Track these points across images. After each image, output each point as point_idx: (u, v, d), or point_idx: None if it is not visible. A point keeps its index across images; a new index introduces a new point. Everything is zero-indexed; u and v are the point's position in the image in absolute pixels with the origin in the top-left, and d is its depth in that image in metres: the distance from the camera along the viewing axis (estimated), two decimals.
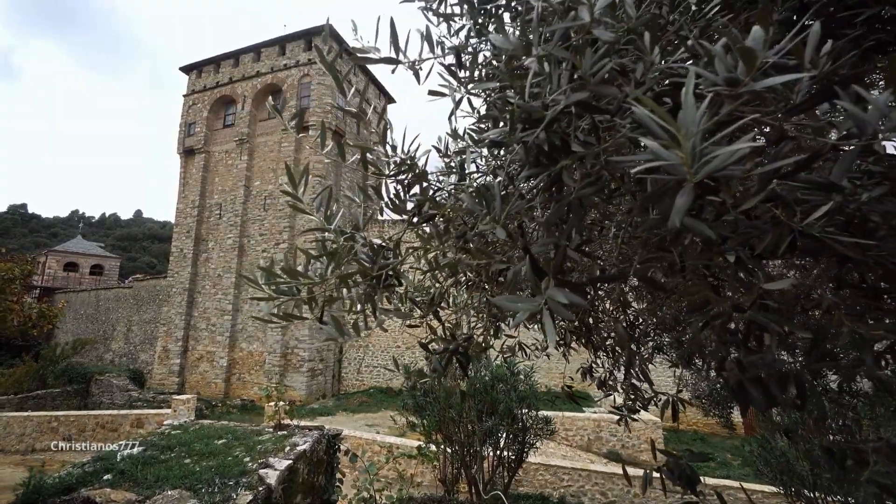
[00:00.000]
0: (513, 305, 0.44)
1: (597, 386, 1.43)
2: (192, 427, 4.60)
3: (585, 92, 0.45)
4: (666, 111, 0.34)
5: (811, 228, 0.55)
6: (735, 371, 0.53)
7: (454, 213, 0.69)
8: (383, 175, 0.83)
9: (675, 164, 0.33)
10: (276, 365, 19.01)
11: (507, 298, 0.46)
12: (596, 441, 12.73)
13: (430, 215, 0.77)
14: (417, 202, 0.80)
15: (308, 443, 4.16)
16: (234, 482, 3.35)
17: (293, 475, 3.77)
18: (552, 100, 0.47)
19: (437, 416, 5.65)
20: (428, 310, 0.81)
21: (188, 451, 3.90)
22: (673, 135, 0.33)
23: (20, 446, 11.82)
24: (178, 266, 22.39)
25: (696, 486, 0.63)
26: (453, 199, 0.69)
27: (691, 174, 0.33)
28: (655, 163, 0.34)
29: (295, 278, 0.70)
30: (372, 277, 0.74)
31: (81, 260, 36.24)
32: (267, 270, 0.72)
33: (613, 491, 8.99)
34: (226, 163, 22.76)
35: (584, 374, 1.48)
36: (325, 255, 0.75)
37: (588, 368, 1.46)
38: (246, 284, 20.68)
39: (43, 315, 14.09)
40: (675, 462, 0.65)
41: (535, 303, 0.42)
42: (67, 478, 3.36)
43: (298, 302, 0.73)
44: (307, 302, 0.73)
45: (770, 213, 0.57)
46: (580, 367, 1.50)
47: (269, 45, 22.67)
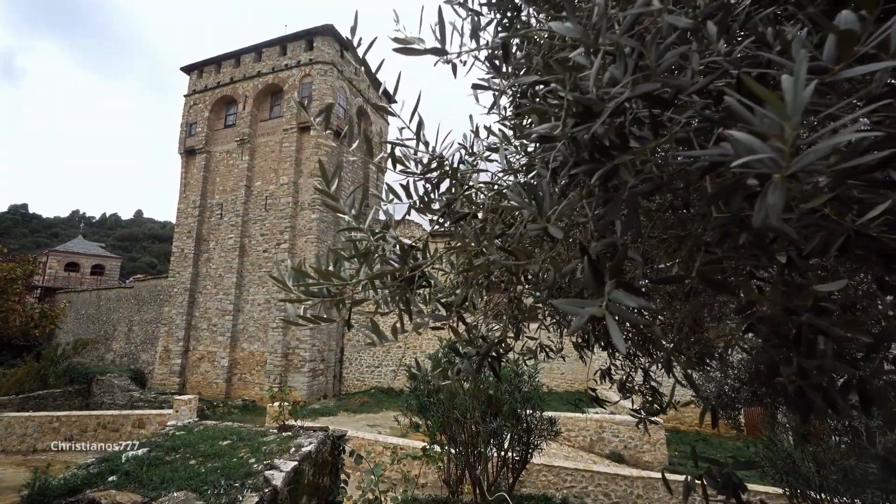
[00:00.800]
0: (576, 309, 0.42)
1: (617, 388, 1.41)
2: (197, 428, 4.58)
3: (655, 83, 0.43)
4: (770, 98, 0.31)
5: (866, 228, 0.52)
6: (792, 377, 0.50)
7: (491, 212, 0.67)
8: (413, 173, 0.81)
9: (769, 157, 0.31)
10: (278, 365, 18.99)
11: (568, 301, 0.43)
12: (598, 442, 12.70)
13: (462, 214, 0.75)
14: (447, 201, 0.78)
15: (313, 444, 4.14)
16: (240, 484, 3.33)
17: (299, 476, 3.75)
18: (615, 92, 0.45)
19: (442, 417, 5.63)
20: (455, 312, 0.79)
21: (193, 452, 3.88)
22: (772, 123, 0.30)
23: (22, 447, 11.81)
24: (179, 266, 22.38)
25: (742, 495, 0.61)
26: (489, 198, 0.67)
27: (785, 168, 0.31)
28: (752, 157, 0.32)
29: (328, 279, 0.68)
30: (403, 279, 0.71)
31: (82, 260, 36.24)
32: (298, 271, 0.70)
33: (617, 492, 8.97)
34: (227, 163, 22.75)
35: (603, 376, 1.46)
36: (357, 255, 0.73)
37: (607, 370, 1.44)
38: (251, 284, 20.67)
39: (45, 315, 14.07)
40: (718, 469, 0.63)
41: (600, 306, 0.40)
42: (72, 479, 3.34)
43: (326, 304, 0.70)
44: (336, 304, 0.71)
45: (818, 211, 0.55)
46: (598, 369, 1.48)
47: (270, 45, 22.66)
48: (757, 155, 0.31)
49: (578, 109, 0.49)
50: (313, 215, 20.21)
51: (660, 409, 1.57)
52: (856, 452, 4.77)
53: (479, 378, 6.28)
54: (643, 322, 0.41)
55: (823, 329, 0.52)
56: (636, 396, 1.53)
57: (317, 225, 20.20)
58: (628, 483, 8.96)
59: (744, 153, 0.32)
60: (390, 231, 0.76)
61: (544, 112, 0.55)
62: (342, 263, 0.71)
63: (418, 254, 0.75)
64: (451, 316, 0.76)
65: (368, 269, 0.72)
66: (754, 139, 0.32)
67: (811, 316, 0.52)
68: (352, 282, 0.69)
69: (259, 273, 20.70)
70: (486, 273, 0.73)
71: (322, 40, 21.65)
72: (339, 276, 0.68)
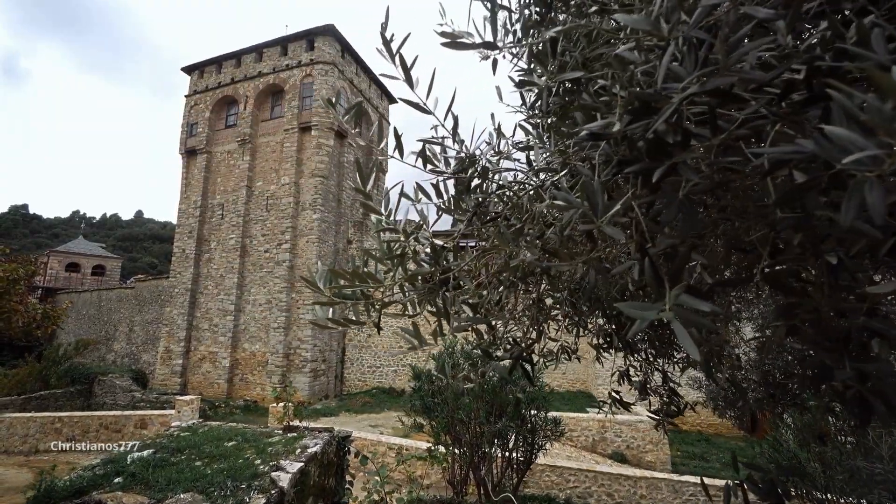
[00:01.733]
0: (641, 313, 0.40)
1: (637, 390, 1.39)
2: (201, 429, 4.57)
3: (729, 77, 0.41)
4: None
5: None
6: (848, 382, 0.49)
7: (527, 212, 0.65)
8: (441, 172, 0.79)
9: (871, 155, 0.30)
10: (279, 365, 18.98)
11: (633, 305, 0.42)
12: (601, 442, 12.68)
13: (494, 215, 0.74)
14: (477, 200, 0.76)
15: (318, 445, 4.12)
16: (247, 485, 3.32)
17: (304, 478, 3.74)
18: (684, 86, 0.43)
19: (447, 418, 5.61)
20: (490, 313, 0.78)
21: (198, 453, 3.86)
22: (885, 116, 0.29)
23: (24, 447, 11.80)
24: (180, 266, 22.37)
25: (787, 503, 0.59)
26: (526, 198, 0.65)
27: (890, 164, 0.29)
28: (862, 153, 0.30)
29: (364, 281, 0.66)
30: (437, 280, 0.70)
31: (83, 260, 36.25)
32: (333, 272, 0.68)
33: (620, 492, 8.95)
34: (228, 163, 22.74)
35: (621, 378, 1.45)
36: (393, 256, 0.71)
37: (625, 372, 1.42)
38: (252, 285, 20.65)
39: (47, 316, 14.05)
40: (761, 476, 0.62)
41: (665, 310, 0.39)
42: (78, 481, 3.32)
43: (355, 306, 0.69)
44: (367, 307, 0.69)
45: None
46: (616, 370, 1.46)
47: (271, 45, 22.65)
48: (865, 152, 0.29)
49: (635, 105, 0.47)
50: (314, 215, 20.19)
51: (677, 410, 1.55)
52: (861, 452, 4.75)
53: (483, 378, 6.27)
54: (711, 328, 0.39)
55: (881, 331, 0.51)
56: (653, 398, 1.52)
57: (318, 225, 20.19)
58: (632, 483, 8.95)
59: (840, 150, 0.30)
60: (423, 231, 0.74)
61: (593, 108, 0.53)
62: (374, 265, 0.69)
63: (449, 255, 0.74)
64: (491, 319, 0.75)
65: (402, 271, 0.70)
66: (855, 136, 0.30)
67: (867, 318, 0.51)
68: (388, 283, 0.68)
69: (260, 273, 20.69)
70: (522, 274, 0.72)
71: (323, 40, 21.64)
72: (375, 278, 0.66)
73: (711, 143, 0.46)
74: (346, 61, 22.86)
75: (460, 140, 0.77)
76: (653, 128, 0.44)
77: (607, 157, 0.54)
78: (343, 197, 22.31)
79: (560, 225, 0.59)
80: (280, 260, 20.10)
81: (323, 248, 20.43)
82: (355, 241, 22.45)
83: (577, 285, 1.15)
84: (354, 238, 22.50)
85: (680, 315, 0.38)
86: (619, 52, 0.52)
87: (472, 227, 0.75)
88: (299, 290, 19.81)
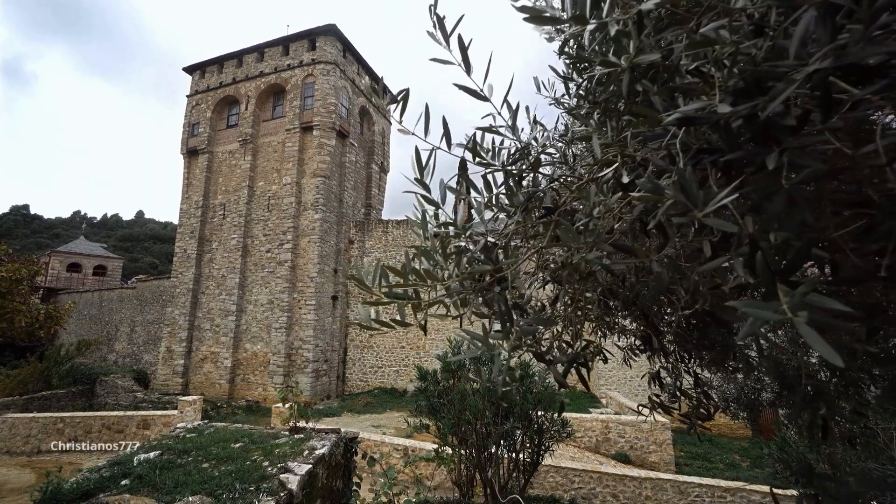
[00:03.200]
0: (760, 313, 0.36)
1: (669, 392, 1.35)
2: (207, 430, 4.53)
3: (878, 49, 0.36)
4: None
5: None
6: None
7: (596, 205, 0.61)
8: (489, 164, 0.75)
9: None
10: (281, 366, 18.95)
11: (749, 303, 0.38)
12: (604, 442, 12.65)
13: (550, 209, 0.69)
14: (528, 194, 0.71)
15: (326, 446, 4.08)
16: (255, 487, 3.28)
17: (313, 480, 3.70)
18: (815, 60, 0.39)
19: (454, 419, 5.57)
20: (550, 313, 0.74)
21: (205, 454, 3.82)
22: None
23: (26, 447, 11.77)
24: (181, 266, 22.35)
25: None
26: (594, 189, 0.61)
27: None
28: None
29: (423, 279, 0.62)
30: (491, 280, 0.65)
31: (84, 261, 36.23)
32: (390, 269, 0.64)
33: (625, 493, 8.91)
34: (229, 163, 22.72)
35: (651, 381, 1.40)
36: (451, 254, 0.67)
37: (655, 374, 1.38)
38: (254, 285, 20.62)
39: (50, 316, 14.01)
40: (839, 488, 0.57)
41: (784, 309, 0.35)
42: (84, 483, 3.28)
43: (401, 306, 0.64)
44: (415, 307, 0.65)
45: None
46: (646, 373, 1.42)
47: (273, 45, 22.62)
48: None
49: (739, 85, 0.43)
50: (316, 215, 20.16)
51: (707, 414, 1.51)
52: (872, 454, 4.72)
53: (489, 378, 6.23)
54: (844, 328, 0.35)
55: None
56: (684, 401, 1.47)
57: (320, 225, 20.16)
58: (637, 484, 8.91)
59: None
60: (476, 228, 0.70)
61: (689, 90, 0.49)
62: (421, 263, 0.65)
63: (499, 252, 0.69)
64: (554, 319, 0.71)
65: (460, 269, 0.66)
66: None
67: None
68: (449, 282, 0.63)
69: (262, 273, 20.66)
70: (585, 273, 0.68)
71: (325, 40, 21.62)
72: (434, 276, 0.62)
73: (828, 126, 0.42)
74: (347, 61, 22.83)
75: (516, 130, 0.73)
76: (769, 109, 0.40)
77: (685, 146, 0.50)
78: (345, 197, 22.28)
79: (631, 218, 0.56)
80: (282, 260, 20.08)
81: (324, 248, 20.41)
82: (357, 242, 22.41)
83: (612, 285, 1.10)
84: (356, 238, 22.47)
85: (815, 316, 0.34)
86: (704, 30, 0.48)
87: (522, 222, 0.70)
88: (301, 291, 19.78)
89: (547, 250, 0.71)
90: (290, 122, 21.26)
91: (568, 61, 1.43)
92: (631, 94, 0.56)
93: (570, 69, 0.89)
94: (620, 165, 0.61)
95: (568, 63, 0.87)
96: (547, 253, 0.72)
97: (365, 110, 24.88)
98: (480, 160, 0.74)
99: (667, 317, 1.25)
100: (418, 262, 0.65)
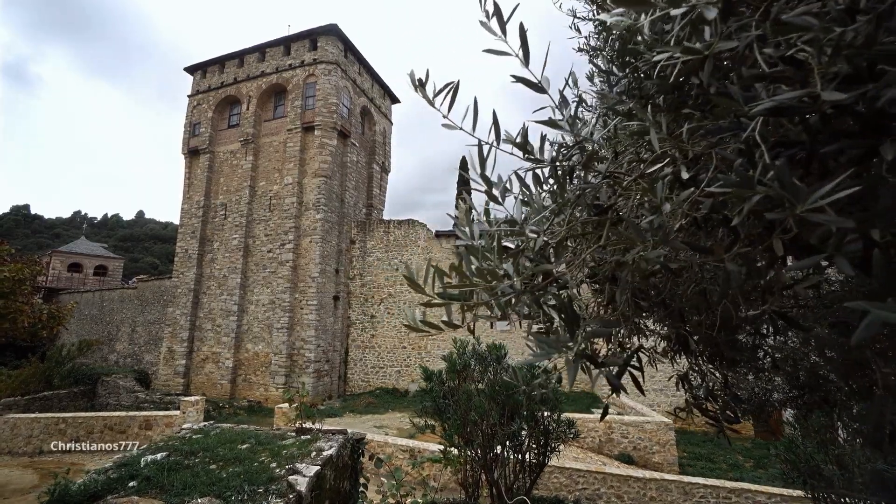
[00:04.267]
0: (886, 314, 0.34)
1: (702, 395, 1.33)
2: (213, 431, 4.50)
3: None
4: None
5: None
6: None
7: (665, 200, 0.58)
8: (538, 160, 0.72)
9: None
10: (283, 366, 18.92)
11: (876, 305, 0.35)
12: (607, 443, 12.62)
13: (600, 206, 0.67)
14: (580, 190, 0.69)
15: (334, 448, 4.06)
16: (264, 489, 3.25)
17: (321, 481, 3.67)
18: None
19: (460, 419, 5.55)
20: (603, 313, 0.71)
21: (213, 456, 3.80)
22: None
23: (28, 448, 11.74)
24: (183, 266, 22.33)
25: None
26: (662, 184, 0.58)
27: None
28: None
29: (485, 279, 0.60)
30: (550, 280, 0.63)
31: (85, 261, 36.21)
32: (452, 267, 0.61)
33: (629, 494, 8.89)
34: (231, 163, 22.70)
35: (679, 383, 1.38)
36: (514, 252, 0.65)
37: (684, 376, 1.35)
38: (255, 285, 20.59)
39: (53, 316, 13.99)
40: None
41: None
42: (92, 484, 3.25)
43: (447, 307, 0.62)
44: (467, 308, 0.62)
45: None
46: (674, 374, 1.40)
47: (274, 45, 22.61)
48: None
49: (844, 71, 0.41)
50: (318, 215, 20.14)
51: (733, 417, 1.49)
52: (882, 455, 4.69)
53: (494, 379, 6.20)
54: None
55: None
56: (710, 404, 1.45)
57: (321, 225, 20.13)
58: (641, 485, 8.88)
59: None
60: (531, 226, 0.67)
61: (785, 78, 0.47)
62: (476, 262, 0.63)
63: (550, 251, 0.67)
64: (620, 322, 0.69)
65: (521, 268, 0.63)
66: None
67: None
68: (511, 281, 0.61)
69: (263, 273, 20.63)
70: (645, 273, 0.65)
71: (326, 40, 21.60)
72: (497, 275, 0.59)
73: None
74: (349, 61, 22.82)
75: (576, 124, 0.70)
76: (888, 96, 0.38)
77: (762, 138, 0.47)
78: (346, 197, 22.26)
79: (701, 215, 0.53)
80: (283, 260, 20.06)
81: (326, 248, 20.39)
82: (358, 242, 22.39)
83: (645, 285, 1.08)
84: (357, 238, 22.44)
85: None
86: (788, 17, 0.45)
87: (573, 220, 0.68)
88: (302, 291, 19.76)
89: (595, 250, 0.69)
90: (291, 122, 21.25)
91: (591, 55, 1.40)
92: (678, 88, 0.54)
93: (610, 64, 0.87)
94: (678, 161, 0.59)
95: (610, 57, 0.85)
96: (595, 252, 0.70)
97: (366, 110, 24.87)
98: (529, 156, 0.71)
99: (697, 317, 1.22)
100: (470, 261, 0.62)
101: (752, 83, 0.51)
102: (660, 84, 0.65)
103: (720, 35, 0.48)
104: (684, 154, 0.59)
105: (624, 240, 0.57)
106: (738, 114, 0.47)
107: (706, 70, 0.50)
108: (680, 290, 0.94)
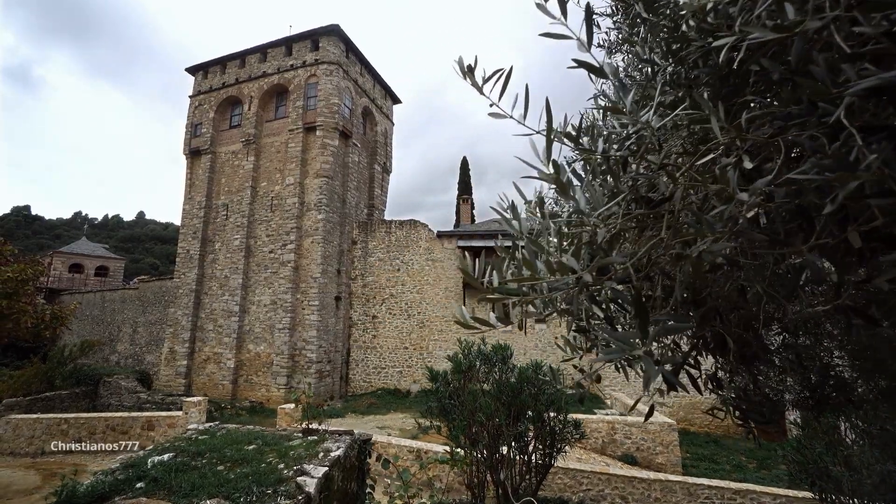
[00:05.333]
0: None
1: (734, 394, 1.30)
2: (220, 432, 4.48)
3: None
4: None
5: None
6: None
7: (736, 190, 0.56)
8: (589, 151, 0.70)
9: None
10: (284, 367, 18.89)
11: None
12: (610, 444, 12.58)
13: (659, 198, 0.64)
14: (633, 181, 0.66)
15: (341, 449, 4.03)
16: (272, 490, 3.22)
17: (329, 482, 3.65)
18: None
19: (466, 420, 5.52)
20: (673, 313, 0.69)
21: (220, 457, 3.77)
22: None
23: (30, 449, 11.71)
24: (184, 267, 22.31)
25: None
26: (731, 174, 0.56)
27: None
28: None
29: (553, 272, 0.57)
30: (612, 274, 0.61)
31: (86, 261, 36.22)
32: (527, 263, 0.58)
33: (634, 495, 8.85)
34: (232, 164, 22.69)
35: (707, 382, 1.35)
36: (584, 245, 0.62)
37: (713, 375, 1.33)
38: (257, 285, 20.56)
39: (56, 316, 13.97)
40: None
41: None
42: (99, 486, 3.23)
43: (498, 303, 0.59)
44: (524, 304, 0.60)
45: None
46: (704, 373, 1.37)
47: (275, 45, 22.61)
48: None
49: None
50: (319, 216, 20.11)
51: (763, 418, 1.47)
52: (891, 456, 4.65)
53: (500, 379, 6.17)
54: None
55: None
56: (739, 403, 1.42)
57: (323, 226, 20.11)
58: (646, 486, 8.84)
59: None
60: (592, 219, 0.64)
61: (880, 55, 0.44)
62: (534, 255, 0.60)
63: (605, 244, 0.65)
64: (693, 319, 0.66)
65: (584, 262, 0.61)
66: None
67: None
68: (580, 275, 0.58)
69: (265, 274, 20.61)
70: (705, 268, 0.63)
71: (327, 40, 21.60)
72: (565, 268, 0.57)
73: None
74: (350, 61, 22.81)
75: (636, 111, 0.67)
76: None
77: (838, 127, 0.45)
78: (348, 197, 22.24)
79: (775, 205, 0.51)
80: (285, 261, 20.03)
81: (328, 248, 20.37)
82: (360, 242, 22.37)
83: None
84: (359, 238, 22.43)
85: None
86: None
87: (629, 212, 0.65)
88: (304, 291, 19.74)
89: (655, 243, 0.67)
90: (292, 123, 21.23)
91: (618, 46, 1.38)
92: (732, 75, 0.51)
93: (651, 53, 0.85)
94: (740, 149, 0.56)
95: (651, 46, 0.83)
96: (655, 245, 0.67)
97: (367, 110, 24.86)
98: (581, 147, 0.69)
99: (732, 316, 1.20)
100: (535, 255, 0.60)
101: (841, 63, 0.48)
102: (711, 71, 0.63)
103: (811, 12, 0.46)
104: (744, 143, 0.57)
105: (686, 232, 0.55)
106: (817, 97, 0.45)
107: (795, 49, 0.47)
108: (717, 287, 0.92)
